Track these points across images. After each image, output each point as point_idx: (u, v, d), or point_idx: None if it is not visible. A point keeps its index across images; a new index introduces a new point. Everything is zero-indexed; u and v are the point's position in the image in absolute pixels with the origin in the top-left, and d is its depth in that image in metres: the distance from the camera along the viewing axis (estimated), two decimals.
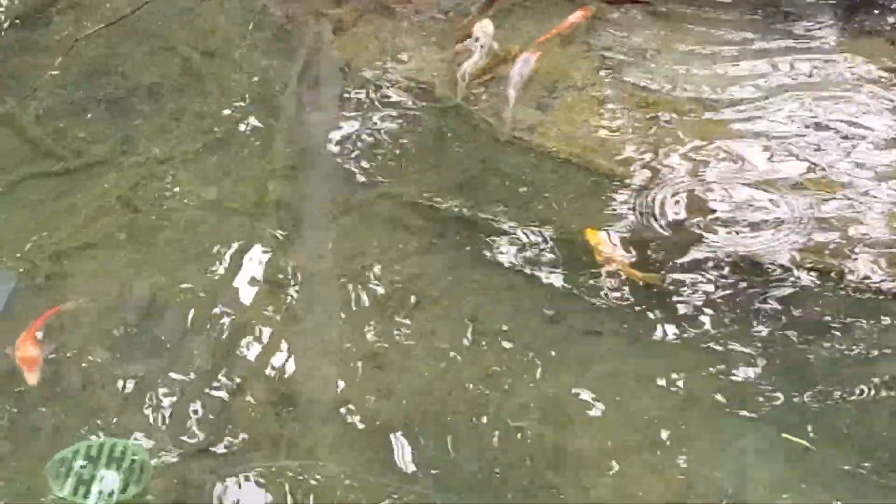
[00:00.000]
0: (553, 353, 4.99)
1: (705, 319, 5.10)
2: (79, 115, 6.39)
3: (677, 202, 5.69)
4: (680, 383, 4.85)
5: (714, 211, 5.63)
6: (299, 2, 7.25)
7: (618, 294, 5.23)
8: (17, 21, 7.15)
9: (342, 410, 4.78)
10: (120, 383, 4.88)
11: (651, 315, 5.14)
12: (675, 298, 5.21)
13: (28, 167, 6.07)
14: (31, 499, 4.44)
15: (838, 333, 5.03)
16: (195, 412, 4.75)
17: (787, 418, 4.68)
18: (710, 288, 5.25)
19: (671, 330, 5.07)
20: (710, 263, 5.36)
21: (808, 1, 7.09)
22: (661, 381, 4.86)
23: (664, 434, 4.64)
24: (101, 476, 4.49)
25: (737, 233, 5.51)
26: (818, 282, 5.26)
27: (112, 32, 6.98)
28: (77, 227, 5.64)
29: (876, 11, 7.00)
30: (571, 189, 5.82)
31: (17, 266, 5.42)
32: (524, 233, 5.57)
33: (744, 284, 5.26)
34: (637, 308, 5.17)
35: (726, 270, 5.33)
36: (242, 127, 6.31)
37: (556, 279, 5.34)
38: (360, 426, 4.72)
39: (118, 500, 4.42)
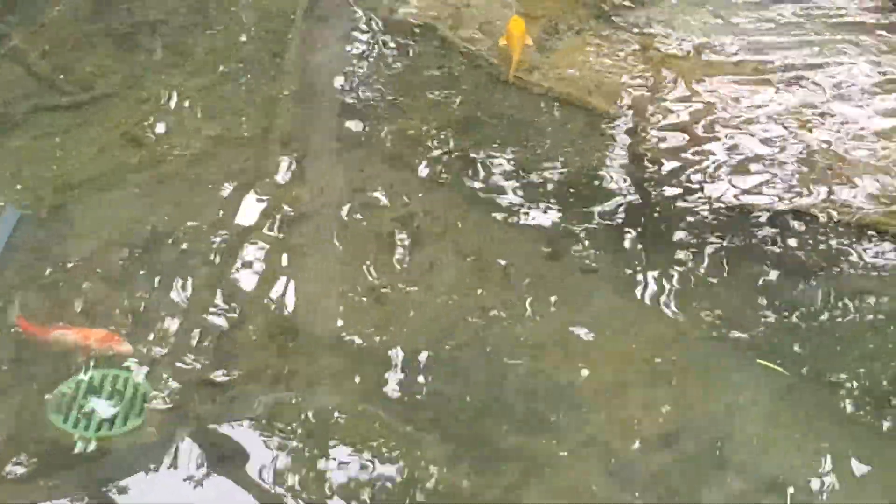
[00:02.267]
0: (550, 290, 5.07)
1: (697, 258, 5.18)
2: (85, 51, 6.41)
3: (671, 142, 5.76)
4: (673, 320, 4.93)
5: (706, 152, 5.70)
6: None
7: (614, 233, 5.31)
8: None
9: (342, 343, 4.83)
10: (121, 314, 4.90)
11: (645, 253, 5.22)
12: (668, 237, 5.29)
13: (34, 101, 6.10)
14: (34, 430, 4.46)
15: (826, 269, 5.13)
16: (196, 343, 4.80)
17: (777, 353, 4.78)
18: (702, 227, 5.33)
19: (665, 268, 5.15)
20: (702, 203, 5.45)
21: None
22: (655, 318, 4.94)
23: (658, 369, 4.72)
24: (102, 407, 4.53)
25: (727, 173, 5.59)
26: (806, 220, 5.34)
27: None
28: (83, 161, 5.69)
29: None
30: (569, 128, 5.90)
31: (22, 198, 5.47)
32: (523, 171, 5.64)
33: (733, 224, 5.35)
34: (631, 247, 5.25)
35: (717, 210, 5.41)
36: (248, 63, 6.36)
37: (554, 217, 5.41)
38: (360, 359, 4.77)
39: (119, 432, 4.45)
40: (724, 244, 5.26)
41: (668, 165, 5.65)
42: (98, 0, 6.78)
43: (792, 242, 5.26)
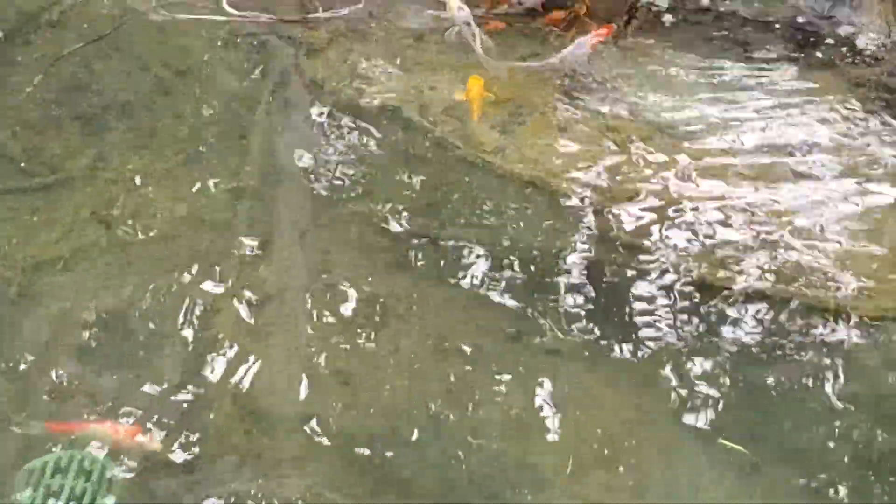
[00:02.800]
0: (514, 371, 5.11)
1: (661, 340, 5.23)
2: (55, 132, 6.43)
3: (636, 223, 5.81)
4: (636, 401, 4.97)
5: (672, 233, 5.77)
6: (272, 24, 7.36)
7: (579, 315, 5.36)
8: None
9: (308, 425, 4.87)
10: (87, 394, 4.94)
11: (609, 334, 5.27)
12: (632, 318, 5.34)
13: (3, 182, 6.12)
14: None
15: (792, 353, 5.18)
16: (162, 425, 4.82)
17: (740, 432, 4.82)
18: (666, 308, 5.38)
19: (629, 349, 5.20)
20: (667, 284, 5.50)
21: (763, 35, 7.28)
22: (619, 399, 4.98)
23: (620, 451, 4.75)
24: (69, 487, 4.54)
25: (694, 252, 5.65)
26: (770, 301, 5.40)
27: (89, 51, 7.06)
28: (51, 242, 5.71)
29: (826, 44, 7.20)
30: (534, 210, 5.95)
31: None
32: (487, 253, 5.68)
33: (700, 304, 5.40)
34: (595, 328, 5.29)
35: (683, 290, 5.46)
36: (214, 145, 6.40)
37: (518, 299, 5.46)
38: (325, 441, 4.81)
39: None
40: (689, 325, 5.30)
41: (634, 247, 5.70)
42: (67, 82, 6.81)
43: (756, 324, 5.32)
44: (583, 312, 5.38)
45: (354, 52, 7.12)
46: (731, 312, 5.35)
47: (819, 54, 7.10)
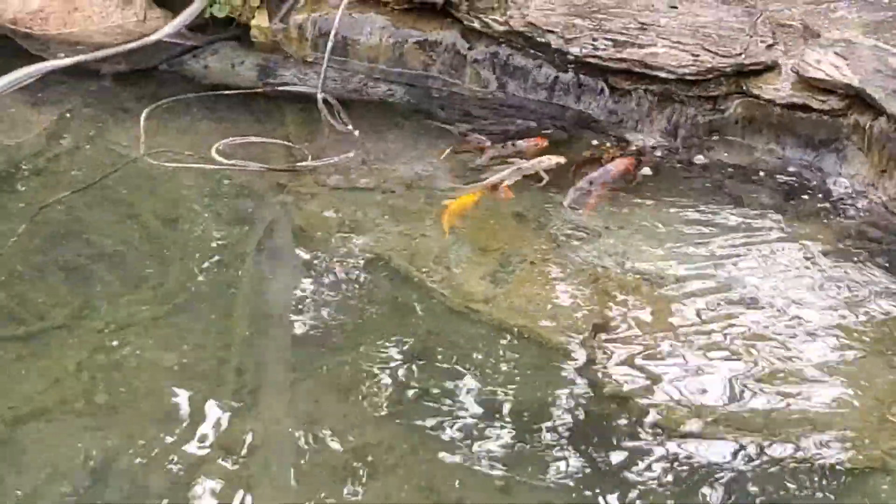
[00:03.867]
0: None
1: (652, 494, 5.17)
2: (41, 281, 6.43)
3: (626, 375, 5.80)
4: None
5: (662, 384, 5.74)
6: (261, 174, 7.41)
7: (568, 464, 5.32)
8: None
9: None
10: None
11: (600, 489, 5.20)
12: (621, 469, 5.29)
13: None
14: None
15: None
16: None
17: None
18: (657, 459, 5.33)
19: (618, 500, 5.14)
20: (659, 435, 5.46)
21: (750, 186, 7.39)
22: None
23: None
24: None
25: (685, 406, 5.62)
26: (781, 457, 5.36)
27: (76, 199, 7.10)
28: (34, 392, 5.64)
29: (812, 195, 7.29)
30: (523, 360, 5.92)
31: None
32: (476, 403, 5.64)
33: (690, 460, 5.35)
34: (585, 483, 5.24)
35: (675, 448, 5.42)
36: (202, 294, 6.39)
37: (508, 449, 5.40)
38: None
39: None
40: (680, 475, 5.25)
41: (623, 397, 5.68)
42: (55, 229, 6.83)
43: (743, 478, 5.27)
44: (573, 466, 5.33)
45: (344, 200, 7.17)
46: (726, 469, 5.31)
47: (805, 205, 7.18)
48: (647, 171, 7.54)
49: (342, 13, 8.53)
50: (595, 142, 7.94)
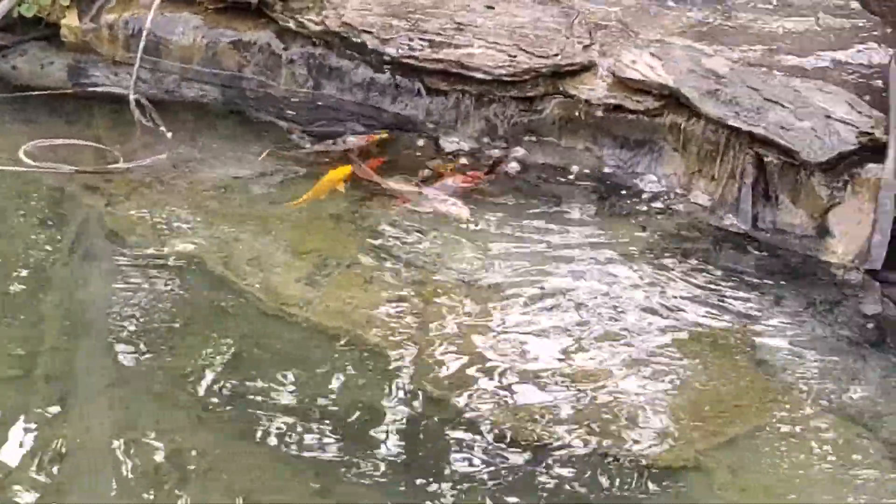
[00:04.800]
0: None
1: (477, 490, 5.19)
2: None
3: (447, 374, 5.83)
4: None
5: (487, 383, 5.78)
6: (72, 176, 7.27)
7: (393, 467, 5.31)
8: None
9: None
10: None
11: (426, 488, 5.22)
12: (449, 469, 5.30)
13: None
14: None
15: None
16: None
17: None
18: (484, 459, 5.36)
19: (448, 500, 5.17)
20: (485, 434, 5.48)
21: (566, 187, 7.51)
22: None
23: None
24: None
25: (512, 404, 5.66)
26: (597, 456, 5.42)
27: None
28: None
29: (627, 195, 7.44)
30: (342, 363, 5.92)
31: None
32: (295, 407, 5.61)
33: (507, 459, 5.39)
34: (411, 481, 5.24)
35: (498, 447, 5.45)
36: (10, 301, 6.23)
37: (329, 454, 5.37)
38: None
39: None
40: (499, 473, 5.29)
41: (440, 398, 5.70)
42: None
43: (582, 476, 5.33)
44: (392, 467, 5.33)
45: (157, 203, 7.07)
46: (545, 468, 5.36)
47: (621, 205, 7.31)
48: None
49: (154, 13, 8.38)
50: (421, 142, 7.95)
